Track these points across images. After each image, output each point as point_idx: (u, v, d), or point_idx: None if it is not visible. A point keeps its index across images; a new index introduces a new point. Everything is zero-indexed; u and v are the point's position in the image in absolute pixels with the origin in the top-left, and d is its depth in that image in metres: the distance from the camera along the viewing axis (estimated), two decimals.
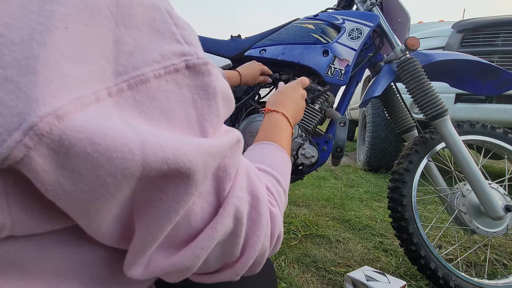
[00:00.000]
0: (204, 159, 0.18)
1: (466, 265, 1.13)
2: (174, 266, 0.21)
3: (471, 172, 0.92)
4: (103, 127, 0.15)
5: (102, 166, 0.15)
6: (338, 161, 0.99)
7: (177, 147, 0.17)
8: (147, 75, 0.18)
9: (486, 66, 1.03)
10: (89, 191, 0.16)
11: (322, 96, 1.02)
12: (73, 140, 0.14)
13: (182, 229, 0.21)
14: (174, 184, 0.18)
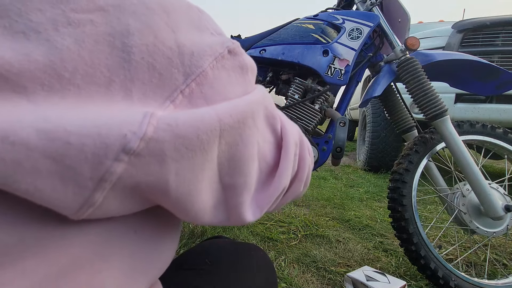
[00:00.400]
0: (254, 106, 0.24)
1: (466, 265, 1.13)
2: (272, 196, 0.27)
3: (471, 172, 0.92)
4: (189, 119, 0.19)
5: (202, 131, 0.19)
6: (338, 161, 0.99)
7: (236, 107, 0.22)
8: (206, 69, 0.21)
9: (486, 66, 1.03)
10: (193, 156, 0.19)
11: (322, 96, 1.02)
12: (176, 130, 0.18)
13: (264, 168, 0.27)
14: (242, 131, 0.22)
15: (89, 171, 0.16)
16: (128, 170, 0.17)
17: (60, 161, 0.15)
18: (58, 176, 0.16)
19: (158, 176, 0.19)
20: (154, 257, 0.26)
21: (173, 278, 0.39)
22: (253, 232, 1.37)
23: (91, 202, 0.17)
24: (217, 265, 0.42)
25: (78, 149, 0.16)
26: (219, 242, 0.49)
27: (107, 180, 0.17)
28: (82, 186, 0.16)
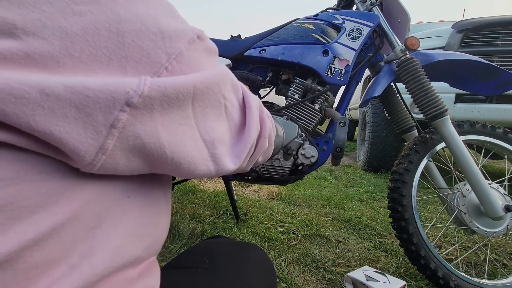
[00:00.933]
0: (220, 77, 0.29)
1: (466, 265, 1.13)
2: (245, 147, 0.33)
3: (471, 172, 0.92)
4: (173, 83, 0.24)
5: (181, 93, 0.25)
6: (338, 161, 0.99)
7: (206, 76, 0.27)
8: (182, 50, 0.26)
9: (486, 66, 1.03)
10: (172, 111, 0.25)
11: (322, 96, 1.02)
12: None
13: (233, 127, 0.33)
14: (211, 97, 0.28)
15: (103, 119, 0.21)
16: (129, 120, 0.22)
17: (82, 109, 0.20)
18: (81, 122, 0.21)
19: (150, 125, 0.24)
20: (147, 224, 0.29)
21: (172, 277, 0.39)
22: (253, 232, 1.37)
23: (105, 148, 0.22)
24: (216, 264, 0.42)
25: (95, 101, 0.21)
26: (218, 242, 0.49)
27: (116, 126, 0.22)
28: (98, 131, 0.21)
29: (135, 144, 0.24)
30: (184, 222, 1.43)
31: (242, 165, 0.35)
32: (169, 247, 1.19)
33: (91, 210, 0.24)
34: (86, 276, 0.23)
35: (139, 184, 0.29)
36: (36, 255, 0.21)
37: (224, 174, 0.33)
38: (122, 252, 0.26)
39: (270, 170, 0.99)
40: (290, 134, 0.96)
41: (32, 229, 0.21)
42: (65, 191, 0.23)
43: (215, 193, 1.96)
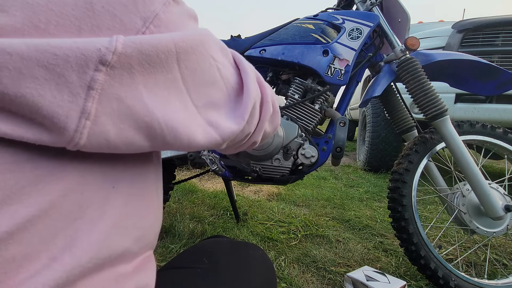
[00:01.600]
0: (203, 37, 0.28)
1: (466, 265, 1.13)
2: (247, 107, 0.32)
3: (471, 172, 0.92)
4: (150, 39, 0.23)
5: (161, 51, 0.23)
6: (338, 161, 0.99)
7: (188, 34, 0.26)
8: (158, 13, 0.25)
9: (486, 66, 1.03)
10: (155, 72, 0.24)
11: (322, 96, 1.02)
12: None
13: (231, 90, 0.32)
14: (197, 57, 0.27)
15: (77, 79, 0.20)
16: (107, 80, 0.21)
17: (52, 69, 0.19)
18: (53, 83, 0.20)
19: (131, 87, 0.22)
20: (135, 215, 0.28)
21: (172, 277, 0.39)
22: (253, 232, 1.37)
23: (87, 112, 0.21)
24: (215, 264, 0.42)
25: (64, 59, 0.19)
26: (217, 242, 0.49)
27: (93, 87, 0.21)
28: (75, 93, 0.20)
29: (120, 108, 0.22)
30: (184, 222, 1.43)
31: (248, 128, 0.34)
32: (169, 247, 1.19)
33: (71, 201, 0.23)
34: (68, 268, 0.22)
35: (126, 173, 0.28)
36: (12, 249, 0.20)
37: (230, 139, 0.31)
38: (107, 244, 0.25)
39: (270, 170, 0.99)
40: (290, 134, 0.97)
41: (4, 221, 0.20)
42: (39, 181, 0.22)
43: (215, 193, 1.96)
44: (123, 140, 0.24)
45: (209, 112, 0.29)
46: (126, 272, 0.28)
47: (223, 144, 0.32)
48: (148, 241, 0.31)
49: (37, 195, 0.21)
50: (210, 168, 0.97)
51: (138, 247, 0.29)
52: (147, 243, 0.31)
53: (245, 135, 0.35)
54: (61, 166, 0.23)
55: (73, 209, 0.23)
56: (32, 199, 0.21)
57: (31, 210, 0.21)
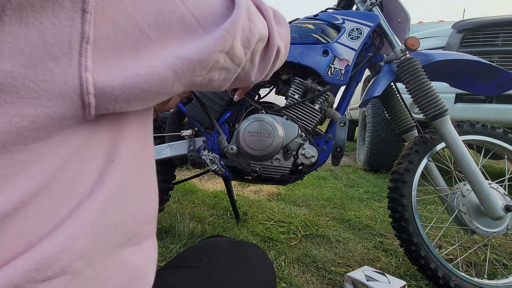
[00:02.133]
0: None
1: (466, 265, 1.13)
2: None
3: (471, 172, 0.92)
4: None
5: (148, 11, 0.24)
6: (338, 161, 0.99)
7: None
8: None
9: (486, 66, 1.03)
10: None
11: (322, 96, 1.02)
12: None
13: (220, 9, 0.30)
14: None
15: (70, 3, 0.21)
16: (98, 2, 0.22)
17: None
18: (50, 10, 0.20)
19: (120, 7, 0.23)
20: (130, 190, 0.29)
21: (171, 276, 0.39)
22: (253, 232, 1.37)
23: (86, 35, 0.21)
24: (215, 263, 0.42)
25: None
26: (217, 241, 0.49)
27: (87, 11, 0.21)
28: (71, 17, 0.21)
29: (116, 32, 0.23)
30: (184, 222, 1.43)
31: (259, 27, 0.33)
32: (169, 247, 1.19)
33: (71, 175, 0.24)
34: (72, 233, 0.23)
35: (123, 147, 0.28)
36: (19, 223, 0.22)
37: (233, 31, 0.30)
38: (106, 214, 0.26)
39: (270, 170, 0.99)
40: (290, 134, 0.97)
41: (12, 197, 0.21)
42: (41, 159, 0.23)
43: (215, 193, 1.96)
44: (130, 63, 0.24)
45: (210, 23, 0.29)
46: (127, 253, 0.29)
47: (235, 44, 0.31)
48: (146, 217, 0.32)
49: (40, 171, 0.23)
50: (210, 168, 0.97)
51: (136, 221, 0.30)
52: (145, 219, 0.32)
53: (257, 36, 0.34)
54: (63, 144, 0.24)
55: (73, 183, 0.25)
56: (35, 176, 0.22)
57: (34, 186, 0.22)
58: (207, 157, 0.96)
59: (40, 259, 0.22)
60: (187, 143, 1.07)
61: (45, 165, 0.23)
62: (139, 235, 0.31)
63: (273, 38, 0.37)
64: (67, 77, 0.21)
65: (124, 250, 0.29)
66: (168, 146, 1.09)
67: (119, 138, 0.28)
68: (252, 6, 0.34)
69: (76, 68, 0.22)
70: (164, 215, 1.52)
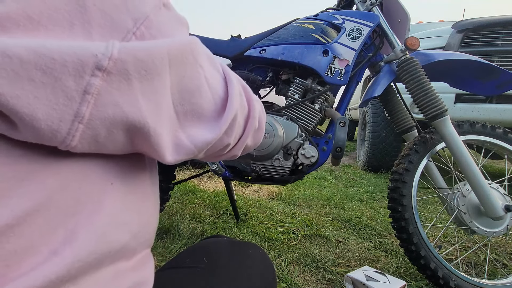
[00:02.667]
0: (193, 46, 0.28)
1: (466, 265, 1.13)
2: (228, 119, 0.32)
3: (471, 172, 0.92)
4: (145, 46, 0.24)
5: (155, 57, 0.24)
6: (338, 161, 0.99)
7: (180, 41, 0.27)
8: (149, 15, 0.25)
9: (486, 66, 1.03)
10: (152, 79, 0.24)
11: (322, 96, 1.02)
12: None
13: (218, 100, 0.32)
14: (186, 65, 0.27)
15: (74, 84, 0.20)
16: (104, 86, 0.21)
17: (49, 73, 0.20)
18: (50, 86, 0.20)
19: (129, 94, 0.23)
20: (132, 211, 0.29)
21: (171, 276, 0.39)
22: (253, 232, 1.37)
23: (81, 115, 0.21)
24: (215, 263, 0.42)
25: (62, 64, 0.20)
26: (217, 241, 0.49)
27: (89, 92, 0.21)
28: (70, 97, 0.21)
29: (115, 114, 0.23)
30: (184, 222, 1.43)
31: (227, 139, 0.34)
32: (169, 247, 1.19)
33: (69, 196, 0.24)
34: (68, 261, 0.22)
35: (123, 169, 0.28)
36: (13, 241, 0.21)
37: (205, 149, 0.32)
38: (106, 239, 0.25)
39: (270, 170, 0.99)
40: (290, 134, 0.97)
41: (5, 214, 0.21)
42: (36, 175, 0.22)
43: (215, 193, 1.96)
44: (112, 142, 0.24)
45: (188, 119, 0.29)
46: (125, 269, 0.28)
47: (198, 154, 0.32)
48: (146, 238, 0.32)
49: (35, 188, 0.22)
50: (210, 168, 0.97)
51: (136, 243, 0.29)
52: (145, 240, 0.31)
53: (224, 146, 0.35)
54: (58, 160, 0.23)
55: (71, 203, 0.24)
56: (30, 192, 0.22)
57: (30, 203, 0.22)
58: None
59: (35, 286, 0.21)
60: None
61: (41, 182, 0.22)
62: (136, 251, 0.30)
63: (235, 149, 0.38)
64: (46, 142, 0.22)
65: (117, 265, 0.28)
66: None
67: (119, 157, 0.28)
68: (238, 121, 0.35)
69: (58, 142, 0.22)
70: (164, 215, 1.52)
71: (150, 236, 0.33)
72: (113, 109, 0.22)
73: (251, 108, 0.37)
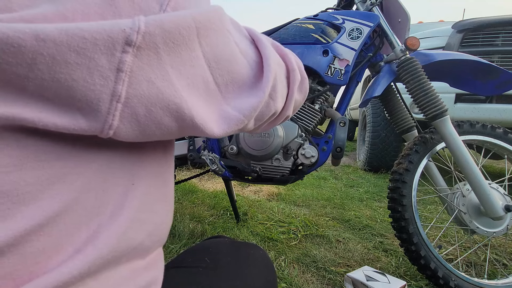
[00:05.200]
0: (219, 11, 0.27)
1: (466, 265, 1.13)
2: (268, 78, 0.31)
3: (471, 172, 0.92)
4: (170, 17, 0.23)
5: (182, 27, 0.23)
6: (338, 161, 0.99)
7: (205, 9, 0.26)
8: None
9: (486, 66, 1.03)
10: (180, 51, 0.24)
11: (322, 96, 1.02)
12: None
13: (253, 63, 0.31)
14: (215, 32, 0.26)
15: (107, 62, 0.21)
16: (136, 62, 0.22)
17: (83, 53, 0.20)
18: (85, 67, 0.20)
19: (159, 68, 0.23)
20: (149, 210, 0.30)
21: (173, 276, 0.39)
22: (253, 232, 1.37)
23: (117, 94, 0.21)
24: (217, 263, 0.42)
25: (93, 43, 0.20)
26: (219, 241, 0.49)
27: (122, 70, 0.21)
28: (105, 76, 0.21)
29: (150, 90, 0.23)
30: (184, 222, 1.43)
31: (274, 105, 0.33)
32: (169, 247, 1.19)
33: (94, 197, 0.25)
34: (91, 258, 0.23)
35: (145, 171, 0.29)
36: (43, 240, 0.22)
37: (253, 116, 0.31)
38: (125, 237, 0.26)
39: (270, 170, 0.99)
40: (290, 134, 0.97)
41: (37, 214, 0.21)
42: (66, 178, 0.23)
43: (215, 193, 1.96)
44: (153, 120, 0.24)
45: (230, 90, 0.29)
46: (139, 267, 0.29)
47: (249, 123, 0.32)
48: (160, 237, 0.32)
49: (64, 190, 0.23)
50: (210, 168, 0.97)
51: (150, 241, 0.30)
52: (159, 239, 0.32)
53: (273, 112, 0.34)
54: (86, 164, 0.24)
55: (95, 204, 0.25)
56: (60, 194, 0.23)
57: (59, 204, 0.23)
58: (207, 157, 0.96)
59: (60, 281, 0.22)
60: (187, 143, 1.07)
61: (69, 184, 0.23)
62: (150, 250, 0.31)
63: (286, 109, 0.38)
64: (89, 129, 0.22)
65: (133, 264, 0.29)
66: None
67: (140, 160, 0.28)
68: (279, 80, 0.34)
69: (100, 125, 0.22)
70: None
71: (164, 235, 0.34)
72: (147, 85, 0.23)
73: (288, 62, 0.36)
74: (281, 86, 0.34)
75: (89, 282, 0.24)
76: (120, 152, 0.27)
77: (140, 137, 0.25)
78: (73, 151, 0.23)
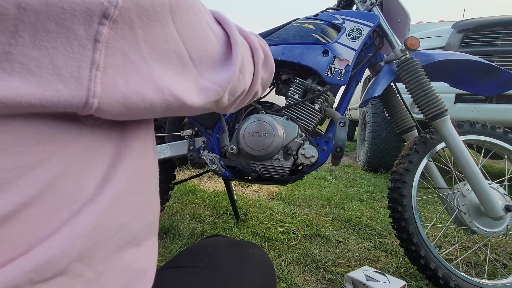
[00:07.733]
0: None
1: (466, 265, 1.13)
2: (237, 55, 0.33)
3: (471, 172, 0.92)
4: None
5: (156, 3, 0.24)
6: (338, 161, 0.99)
7: None
8: None
9: (486, 66, 1.03)
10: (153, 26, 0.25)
11: (322, 96, 1.02)
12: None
13: (222, 42, 0.33)
14: (188, 7, 0.28)
15: (84, 33, 0.21)
16: (111, 34, 0.22)
17: (61, 23, 0.20)
18: (64, 36, 0.21)
19: (133, 41, 0.24)
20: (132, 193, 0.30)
21: (171, 276, 0.39)
22: (253, 232, 1.37)
23: (96, 62, 0.22)
24: (215, 263, 0.42)
25: (71, 14, 0.21)
26: (217, 241, 0.49)
27: (99, 40, 0.22)
28: (83, 45, 0.22)
29: (124, 62, 0.24)
30: (184, 222, 1.43)
31: (244, 80, 0.35)
32: (169, 247, 1.19)
33: (74, 179, 0.25)
34: (69, 235, 0.24)
35: (125, 152, 0.29)
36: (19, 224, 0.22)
37: (225, 87, 0.33)
38: (106, 216, 0.27)
39: (270, 170, 0.99)
40: (290, 134, 0.97)
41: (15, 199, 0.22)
42: (45, 162, 0.23)
43: (215, 193, 1.96)
44: (133, 91, 0.25)
45: (204, 65, 0.31)
46: (134, 256, 0.30)
47: (224, 95, 0.33)
48: (148, 220, 0.33)
49: (44, 175, 0.23)
50: (210, 168, 0.97)
51: (138, 224, 0.31)
52: (148, 222, 0.33)
53: (243, 88, 0.37)
54: (66, 149, 0.24)
55: (75, 187, 0.25)
56: (39, 179, 0.23)
57: (36, 189, 0.23)
58: (207, 157, 0.96)
59: (39, 261, 0.22)
60: (187, 143, 1.07)
61: (48, 169, 0.23)
62: (140, 236, 0.31)
63: (254, 85, 0.40)
64: (73, 100, 0.22)
65: (125, 252, 0.29)
66: (168, 146, 1.09)
67: (122, 141, 0.29)
68: (246, 57, 0.36)
69: (84, 93, 0.22)
70: (164, 215, 1.52)
71: (153, 219, 0.34)
72: (121, 57, 0.24)
73: (250, 42, 0.39)
74: (248, 62, 0.37)
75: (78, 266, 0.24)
76: (100, 133, 0.27)
77: (125, 112, 0.25)
78: (55, 135, 0.24)
